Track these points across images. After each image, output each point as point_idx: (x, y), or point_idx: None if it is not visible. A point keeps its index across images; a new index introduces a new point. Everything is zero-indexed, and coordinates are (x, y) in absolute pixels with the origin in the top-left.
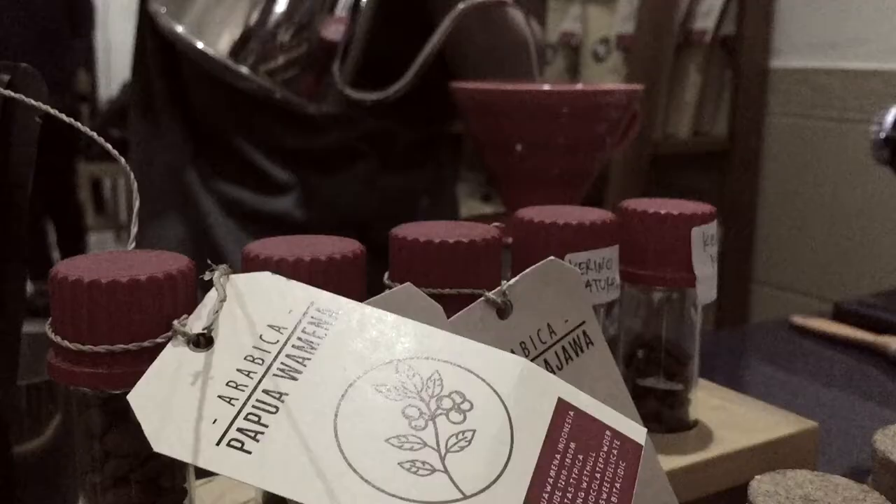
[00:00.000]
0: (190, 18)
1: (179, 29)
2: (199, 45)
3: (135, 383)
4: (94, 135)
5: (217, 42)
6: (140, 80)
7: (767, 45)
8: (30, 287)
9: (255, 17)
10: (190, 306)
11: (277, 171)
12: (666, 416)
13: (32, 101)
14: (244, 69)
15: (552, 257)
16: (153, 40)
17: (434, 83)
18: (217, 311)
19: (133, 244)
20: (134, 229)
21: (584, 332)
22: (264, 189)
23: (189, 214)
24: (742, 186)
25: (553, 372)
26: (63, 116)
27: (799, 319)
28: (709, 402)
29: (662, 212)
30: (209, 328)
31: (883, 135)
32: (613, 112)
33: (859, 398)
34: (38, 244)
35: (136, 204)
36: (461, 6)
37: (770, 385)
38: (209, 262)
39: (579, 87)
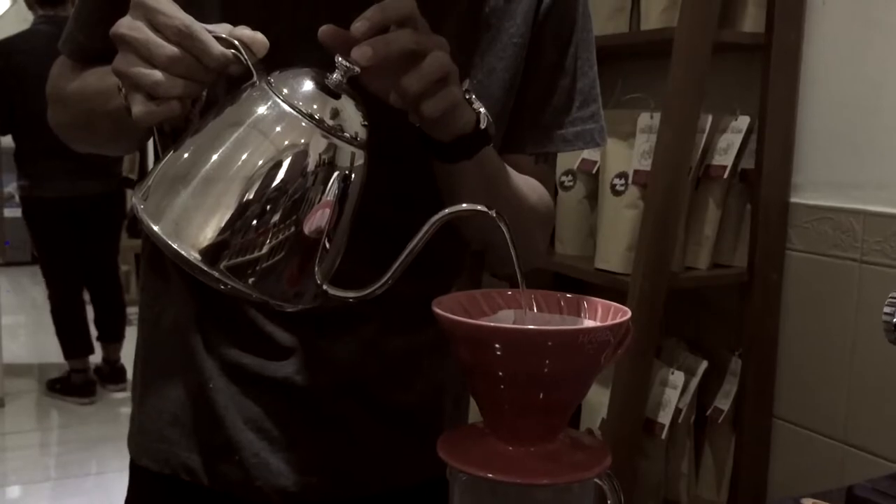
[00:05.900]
0: (169, 215)
1: (156, 228)
2: (174, 245)
3: None
4: None
5: (195, 239)
6: None
7: (787, 180)
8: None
9: (249, 196)
10: None
11: (280, 334)
12: None
13: None
14: (216, 273)
15: None
16: None
17: (436, 239)
18: None
19: None
20: None
21: None
22: (266, 353)
23: (190, 378)
24: (762, 320)
25: None
26: None
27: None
28: None
29: None
30: None
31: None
32: (602, 346)
33: None
34: (76, 321)
35: None
36: (446, 211)
37: None
38: None
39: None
